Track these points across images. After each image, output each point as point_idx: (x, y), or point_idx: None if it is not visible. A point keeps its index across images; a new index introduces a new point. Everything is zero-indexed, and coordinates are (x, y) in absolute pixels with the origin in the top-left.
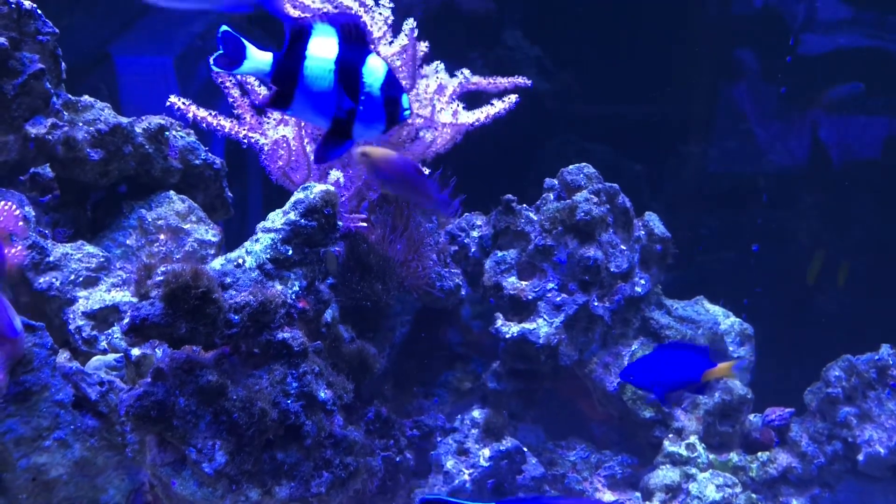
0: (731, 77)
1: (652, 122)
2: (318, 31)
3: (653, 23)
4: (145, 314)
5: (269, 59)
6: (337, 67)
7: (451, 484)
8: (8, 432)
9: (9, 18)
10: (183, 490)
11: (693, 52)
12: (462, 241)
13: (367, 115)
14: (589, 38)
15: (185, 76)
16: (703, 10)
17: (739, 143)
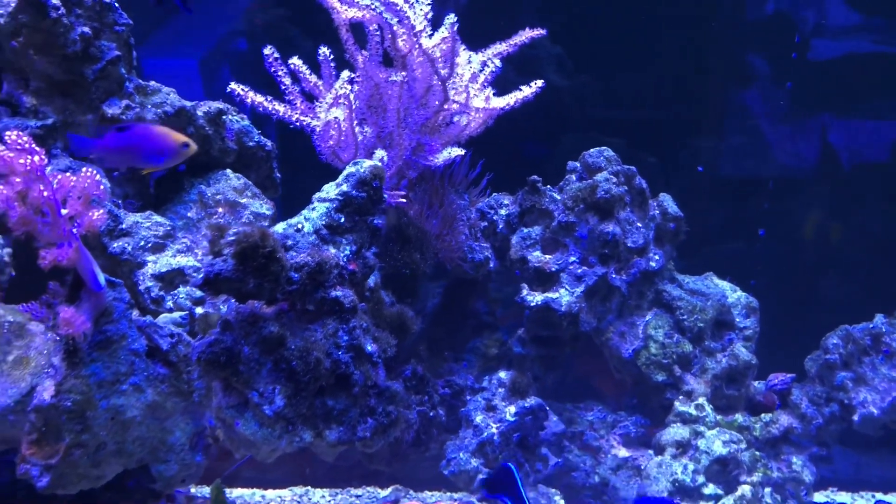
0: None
1: (665, 118)
2: None
3: (668, 26)
4: (219, 269)
5: None
6: None
7: (479, 436)
8: (92, 375)
9: (92, 10)
10: (245, 430)
11: (704, 54)
12: (491, 218)
13: None
14: (607, 39)
15: (209, 78)
16: (714, 15)
17: (747, 140)
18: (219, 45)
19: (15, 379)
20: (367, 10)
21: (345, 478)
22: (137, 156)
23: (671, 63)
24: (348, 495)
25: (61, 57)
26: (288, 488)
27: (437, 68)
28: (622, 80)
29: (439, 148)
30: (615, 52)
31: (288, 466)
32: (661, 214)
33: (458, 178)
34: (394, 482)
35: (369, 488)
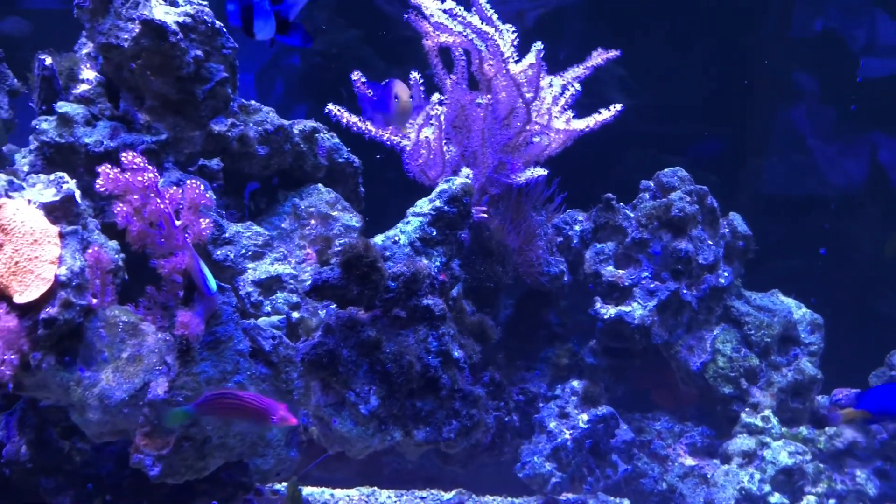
0: (795, 97)
1: (724, 137)
2: None
3: (729, 47)
4: (326, 277)
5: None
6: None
7: (553, 442)
8: (202, 373)
9: (204, 35)
10: (341, 427)
11: (763, 73)
12: (566, 234)
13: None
14: (668, 58)
15: (264, 91)
16: (769, 37)
17: (807, 158)
18: (273, 59)
19: (129, 375)
20: (459, 36)
21: (409, 480)
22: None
23: (731, 82)
24: (413, 497)
25: (175, 78)
26: (355, 488)
27: (522, 92)
28: (682, 98)
29: (521, 167)
30: (676, 71)
31: (354, 467)
32: (731, 233)
33: (536, 195)
34: (456, 486)
35: (433, 491)
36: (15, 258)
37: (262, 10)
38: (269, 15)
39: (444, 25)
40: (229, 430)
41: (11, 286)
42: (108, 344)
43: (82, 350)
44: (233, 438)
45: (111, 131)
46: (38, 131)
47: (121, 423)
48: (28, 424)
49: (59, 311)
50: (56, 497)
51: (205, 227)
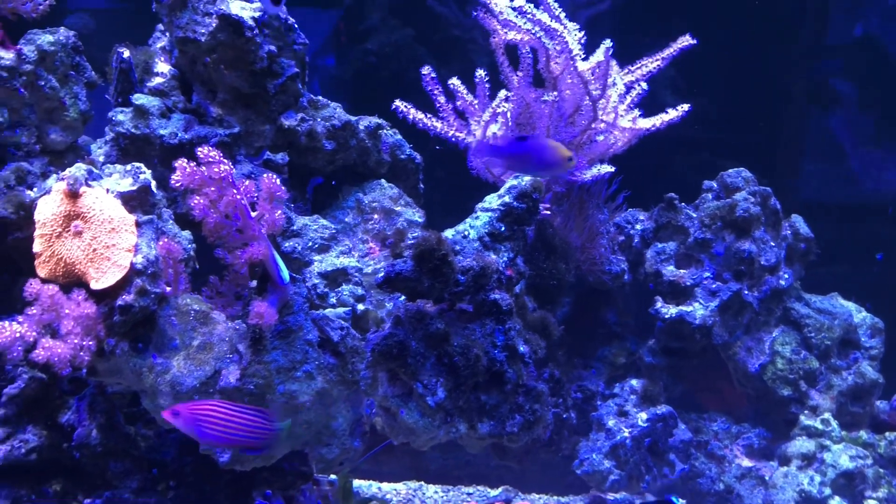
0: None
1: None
2: None
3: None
4: (399, 269)
5: None
6: None
7: (612, 440)
8: (273, 362)
9: (277, 31)
10: (408, 418)
11: (817, 78)
12: (628, 233)
13: None
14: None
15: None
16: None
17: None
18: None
19: (199, 362)
20: (527, 34)
21: (455, 476)
22: (530, 164)
23: (784, 86)
24: (459, 493)
25: (249, 72)
26: (402, 482)
27: (590, 89)
28: (736, 102)
29: (585, 164)
30: (730, 74)
31: (401, 462)
32: (793, 235)
33: (599, 194)
34: (503, 483)
35: (479, 487)
36: (93, 245)
37: None
38: None
39: (512, 23)
40: (298, 418)
41: (89, 272)
42: (180, 331)
43: (155, 337)
44: (300, 426)
45: (185, 123)
46: (114, 122)
47: None
48: (98, 409)
49: (134, 298)
50: (123, 481)
51: (279, 218)
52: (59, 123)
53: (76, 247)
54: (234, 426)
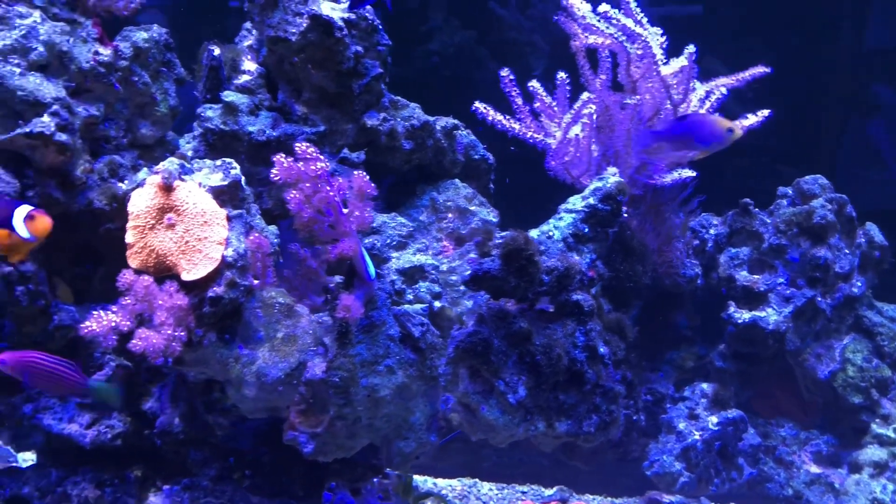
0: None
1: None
2: None
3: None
4: (487, 268)
5: None
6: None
7: (683, 442)
8: (357, 355)
9: (364, 31)
10: (489, 415)
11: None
12: (702, 237)
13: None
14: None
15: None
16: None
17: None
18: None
19: (284, 354)
20: (609, 38)
21: (509, 474)
22: (692, 141)
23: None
24: (514, 491)
25: (335, 72)
26: (457, 479)
27: (671, 94)
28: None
29: (664, 168)
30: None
31: (455, 458)
32: (868, 242)
33: (675, 197)
34: (557, 483)
35: (534, 486)
36: (186, 238)
37: None
38: None
39: (594, 27)
40: (378, 411)
41: (180, 264)
42: (265, 324)
43: (241, 328)
44: (380, 420)
45: (272, 121)
46: (202, 118)
47: (275, 400)
48: (180, 397)
49: (224, 290)
50: (202, 469)
51: (368, 216)
52: (149, 118)
53: (169, 239)
54: (54, 375)
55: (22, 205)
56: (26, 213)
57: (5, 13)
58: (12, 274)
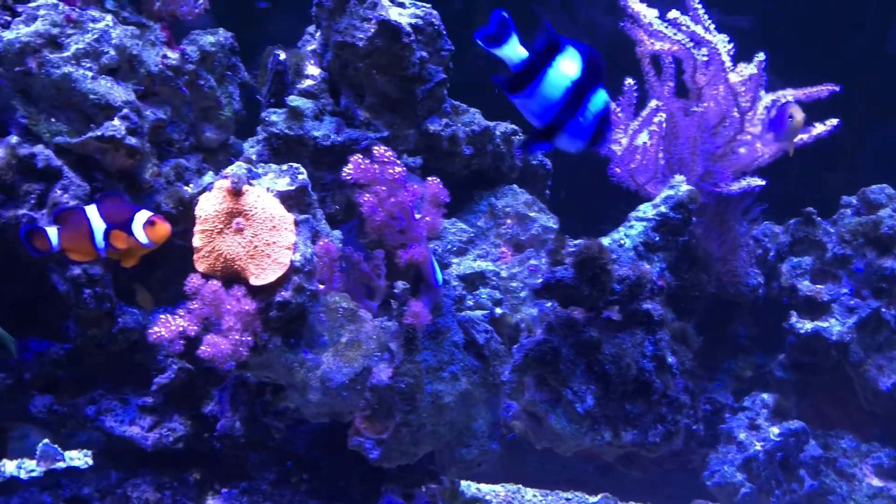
0: None
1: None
2: (568, 53)
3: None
4: (560, 276)
5: (524, 55)
6: (571, 86)
7: (745, 453)
8: (423, 361)
9: (429, 37)
10: (556, 424)
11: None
12: (765, 245)
13: (574, 131)
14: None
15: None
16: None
17: None
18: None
19: (348, 359)
20: (677, 44)
21: (553, 480)
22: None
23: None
24: (558, 497)
25: (400, 77)
26: (500, 484)
27: (739, 101)
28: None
29: (730, 176)
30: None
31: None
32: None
33: (739, 205)
34: (601, 490)
35: (577, 493)
36: (254, 242)
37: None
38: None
39: (661, 33)
40: (442, 418)
41: (248, 269)
42: (329, 328)
43: (305, 333)
44: (443, 426)
45: (336, 126)
46: (267, 122)
47: (338, 405)
48: (240, 401)
49: (292, 294)
50: (261, 472)
51: (440, 222)
52: (213, 122)
53: (237, 243)
54: None
55: (141, 210)
56: (146, 219)
57: (79, 17)
58: (80, 276)
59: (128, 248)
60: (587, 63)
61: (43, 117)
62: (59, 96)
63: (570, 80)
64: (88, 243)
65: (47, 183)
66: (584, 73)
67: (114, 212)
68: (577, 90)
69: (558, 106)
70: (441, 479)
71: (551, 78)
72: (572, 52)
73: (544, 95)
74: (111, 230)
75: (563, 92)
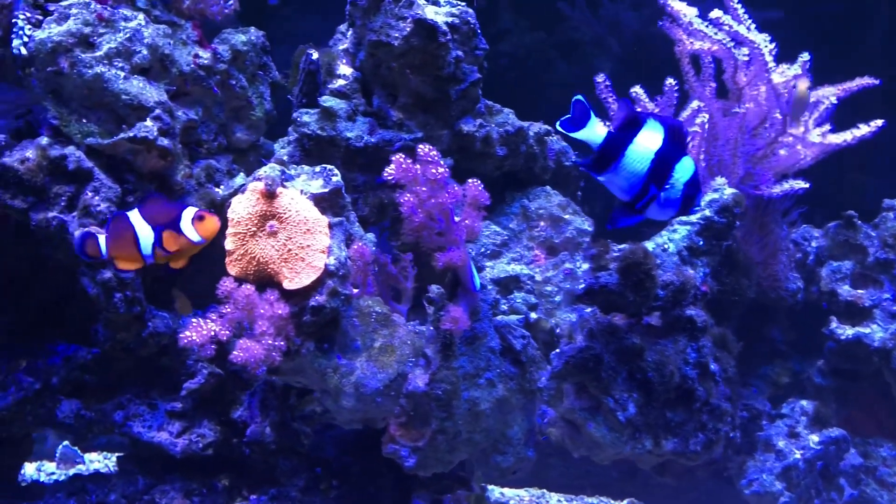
0: None
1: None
2: (649, 126)
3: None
4: (605, 282)
5: (603, 133)
6: (655, 158)
7: (784, 461)
8: (460, 368)
9: (465, 36)
10: (596, 432)
11: None
12: (805, 249)
13: (664, 202)
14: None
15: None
16: None
17: None
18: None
19: (382, 365)
20: (718, 44)
21: (577, 485)
22: None
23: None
24: (582, 502)
25: (434, 77)
26: (524, 489)
27: (782, 102)
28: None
29: (770, 178)
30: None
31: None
32: None
33: (779, 208)
34: (626, 495)
35: (603, 498)
36: (288, 245)
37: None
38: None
39: (702, 33)
40: (478, 425)
41: (282, 272)
42: (362, 333)
43: (339, 338)
44: (479, 433)
45: (370, 127)
46: (298, 123)
47: (372, 411)
48: (270, 406)
49: (326, 299)
50: (291, 479)
51: (479, 226)
52: (244, 122)
53: (270, 246)
54: None
55: (186, 206)
56: (194, 214)
57: (111, 16)
58: (111, 280)
59: (178, 248)
60: (668, 134)
61: (74, 118)
62: (90, 96)
63: (653, 153)
64: (134, 250)
65: (78, 185)
66: (666, 143)
67: (158, 213)
68: (661, 161)
69: (644, 179)
70: (472, 486)
71: (634, 153)
72: (653, 124)
73: (629, 170)
74: (162, 232)
75: (647, 165)
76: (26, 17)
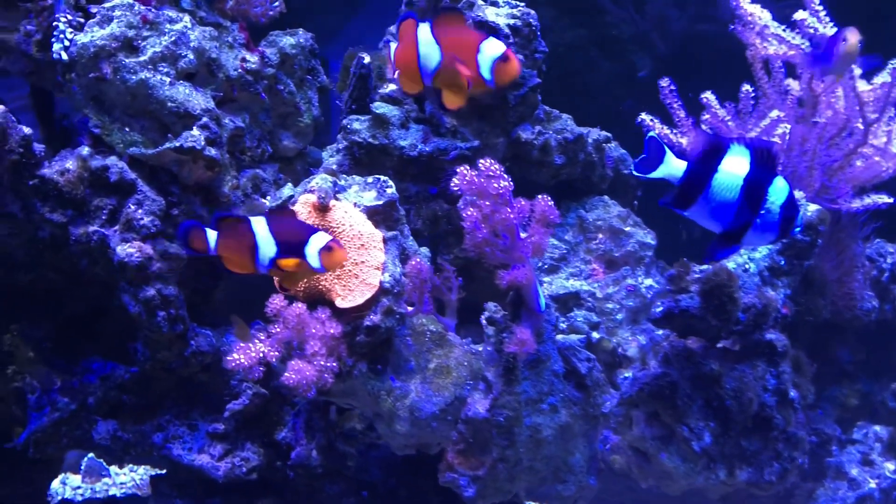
0: None
1: None
2: (733, 151)
3: None
4: (686, 305)
5: (683, 167)
6: (745, 184)
7: (858, 490)
8: (523, 393)
9: (525, 38)
10: (668, 462)
11: None
12: (880, 266)
13: (762, 227)
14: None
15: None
16: None
17: None
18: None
19: (438, 387)
20: (794, 49)
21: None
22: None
23: None
24: None
25: None
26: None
27: (866, 111)
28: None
29: (848, 191)
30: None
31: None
32: None
33: (857, 223)
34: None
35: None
36: None
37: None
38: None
39: (778, 36)
40: (539, 452)
41: (335, 289)
42: (415, 353)
43: (392, 358)
44: (540, 461)
45: (423, 135)
46: (349, 130)
47: (427, 436)
48: (315, 427)
49: (381, 318)
50: (338, 502)
51: (546, 244)
52: (291, 129)
53: None
54: None
55: (318, 231)
56: (325, 244)
57: (156, 18)
58: (154, 298)
59: (296, 272)
60: (755, 156)
61: (117, 126)
62: (134, 104)
63: (742, 178)
64: (249, 258)
65: (120, 197)
66: (753, 167)
67: (287, 230)
68: (751, 186)
69: (736, 206)
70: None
71: (720, 182)
72: (737, 148)
73: (717, 201)
74: (285, 250)
75: (737, 192)
76: (67, 20)
